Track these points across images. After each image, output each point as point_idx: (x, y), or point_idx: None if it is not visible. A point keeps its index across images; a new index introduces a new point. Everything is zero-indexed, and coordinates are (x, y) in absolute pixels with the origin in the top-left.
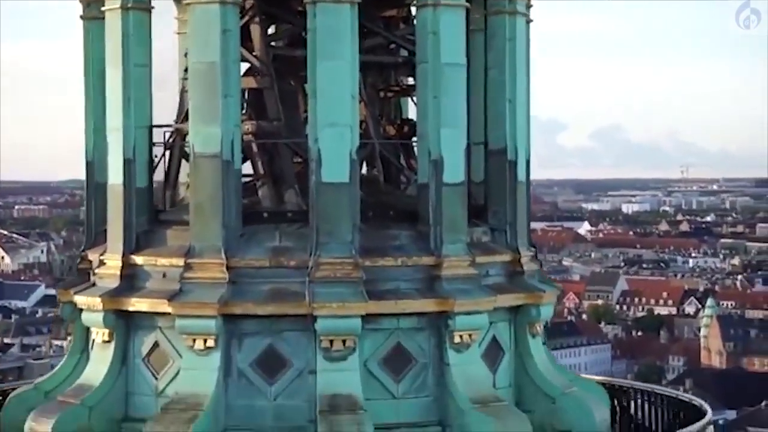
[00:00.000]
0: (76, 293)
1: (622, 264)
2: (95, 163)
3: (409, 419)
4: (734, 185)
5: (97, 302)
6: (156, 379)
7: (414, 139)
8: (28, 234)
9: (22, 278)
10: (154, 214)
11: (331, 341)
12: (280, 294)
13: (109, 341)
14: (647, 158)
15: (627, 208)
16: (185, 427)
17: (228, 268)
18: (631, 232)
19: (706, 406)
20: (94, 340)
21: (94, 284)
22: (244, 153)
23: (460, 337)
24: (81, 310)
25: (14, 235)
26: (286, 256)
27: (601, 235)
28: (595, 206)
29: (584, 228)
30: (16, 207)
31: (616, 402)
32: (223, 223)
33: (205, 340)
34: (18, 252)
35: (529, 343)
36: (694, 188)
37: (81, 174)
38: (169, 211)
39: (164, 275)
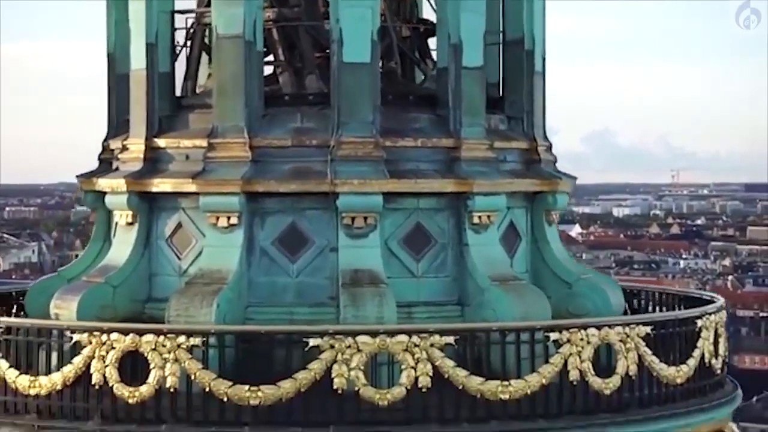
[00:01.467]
0: (99, 177)
1: (614, 265)
2: (116, 55)
3: (429, 298)
4: (724, 189)
5: (121, 184)
6: (179, 259)
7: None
8: (19, 234)
9: (14, 277)
10: (175, 99)
11: (353, 218)
12: (302, 172)
13: (132, 223)
14: (638, 162)
15: (618, 212)
16: (210, 299)
17: (251, 147)
18: (622, 235)
19: (718, 297)
20: (116, 225)
21: (117, 169)
22: (265, 41)
23: (479, 218)
24: (104, 195)
25: (5, 236)
26: (308, 136)
27: (592, 237)
28: (586, 209)
29: (575, 231)
30: (7, 209)
31: (627, 305)
32: (246, 103)
33: (229, 218)
34: (9, 252)
35: (546, 230)
36: (685, 192)
37: (70, 177)
38: (190, 97)
39: (187, 157)
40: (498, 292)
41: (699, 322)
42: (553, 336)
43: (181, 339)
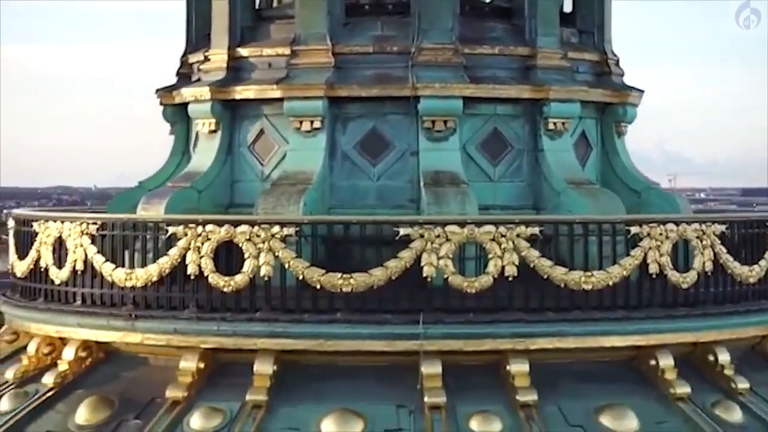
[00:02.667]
0: (182, 88)
1: None
2: None
3: (505, 202)
4: (721, 194)
5: (204, 92)
6: (262, 165)
7: None
8: None
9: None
10: (256, 11)
11: (433, 122)
12: (383, 78)
13: (215, 131)
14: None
15: None
16: (297, 197)
17: (333, 54)
18: None
19: None
20: (198, 134)
21: (199, 80)
22: None
23: (554, 124)
24: (184, 108)
25: (3, 236)
26: (388, 43)
27: None
28: None
29: None
30: (5, 211)
31: None
32: (328, 11)
33: (312, 122)
34: (8, 253)
35: (616, 141)
36: (682, 197)
37: (66, 180)
38: (271, 9)
39: (269, 65)
40: (574, 194)
41: None
42: (634, 230)
43: (275, 229)
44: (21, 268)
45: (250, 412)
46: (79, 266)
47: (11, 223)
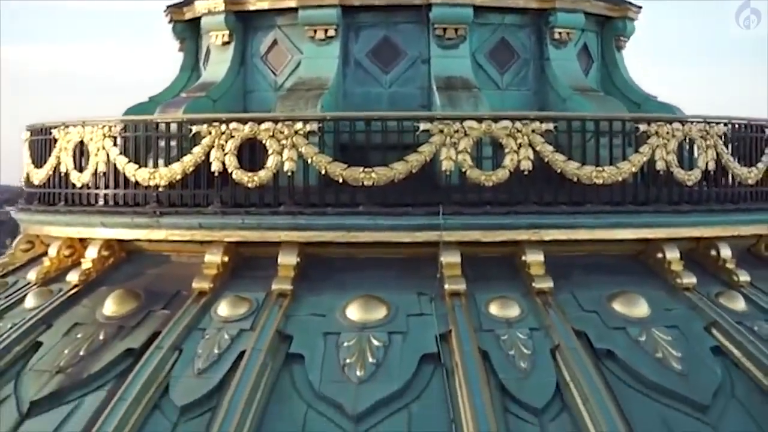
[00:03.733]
0: (195, 2)
1: None
2: None
3: (512, 109)
4: None
5: (218, 4)
6: (275, 75)
7: None
8: None
9: None
10: None
11: (444, 29)
12: None
13: (228, 43)
14: None
15: None
16: (314, 101)
17: None
18: None
19: None
20: (210, 47)
21: None
22: None
23: (559, 34)
24: (196, 23)
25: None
26: None
27: None
28: None
29: None
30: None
31: None
32: None
33: (326, 30)
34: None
35: (615, 55)
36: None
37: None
38: None
39: None
40: (580, 99)
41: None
42: (642, 127)
43: (298, 125)
44: (39, 176)
45: (276, 300)
46: (102, 168)
47: (25, 134)
